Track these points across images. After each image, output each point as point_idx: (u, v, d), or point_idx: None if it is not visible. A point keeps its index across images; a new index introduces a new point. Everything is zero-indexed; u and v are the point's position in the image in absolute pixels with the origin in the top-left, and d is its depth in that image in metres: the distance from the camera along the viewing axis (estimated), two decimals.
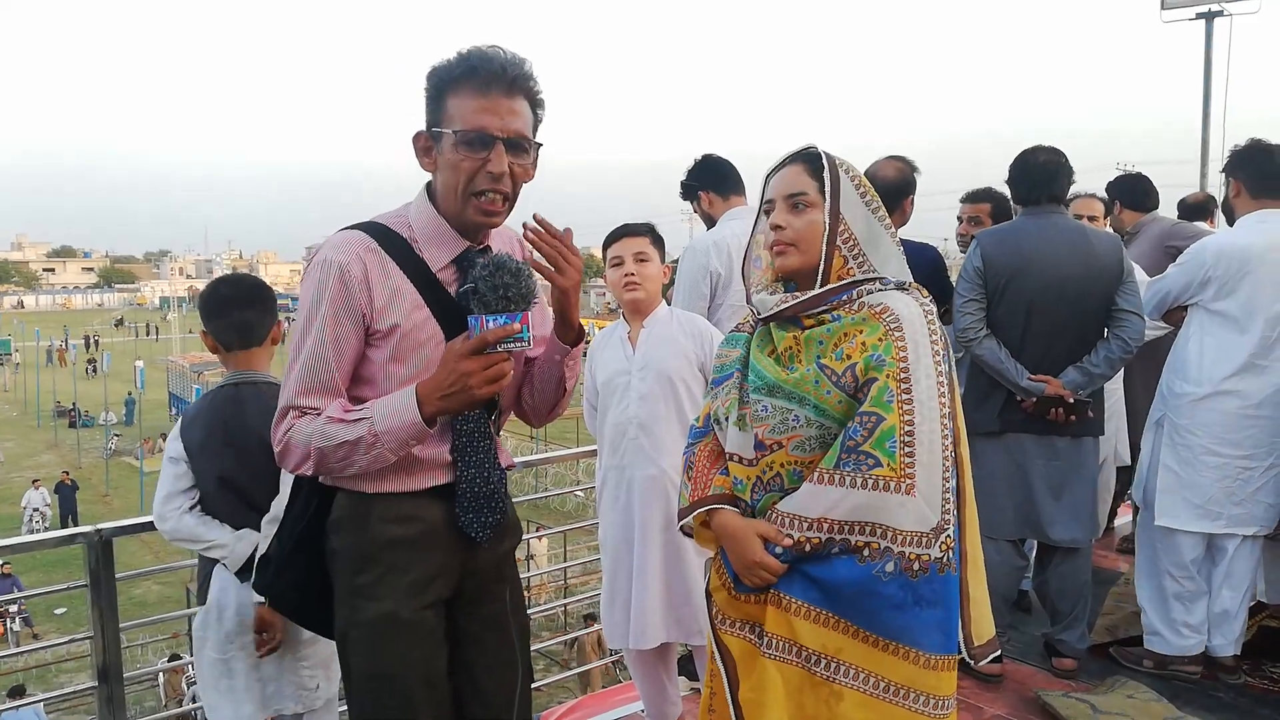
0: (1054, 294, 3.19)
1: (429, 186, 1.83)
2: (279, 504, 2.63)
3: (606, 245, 2.88)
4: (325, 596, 1.87)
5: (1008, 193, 3.55)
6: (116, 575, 2.80)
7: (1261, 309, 3.21)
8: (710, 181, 3.74)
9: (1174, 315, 3.48)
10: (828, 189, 1.81)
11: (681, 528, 2.00)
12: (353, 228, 1.80)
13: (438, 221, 1.80)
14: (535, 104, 1.79)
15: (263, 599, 2.51)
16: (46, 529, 19.14)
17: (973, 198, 4.11)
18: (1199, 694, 3.29)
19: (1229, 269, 3.24)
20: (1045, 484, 3.28)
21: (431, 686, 1.82)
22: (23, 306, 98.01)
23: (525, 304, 1.67)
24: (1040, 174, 3.32)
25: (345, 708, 1.91)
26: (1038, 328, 3.22)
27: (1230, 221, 3.49)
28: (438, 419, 1.72)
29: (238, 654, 2.54)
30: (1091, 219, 4.22)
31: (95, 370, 38.71)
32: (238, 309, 2.59)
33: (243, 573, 2.57)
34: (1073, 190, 4.51)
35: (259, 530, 2.59)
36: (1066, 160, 3.34)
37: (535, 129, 1.80)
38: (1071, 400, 3.19)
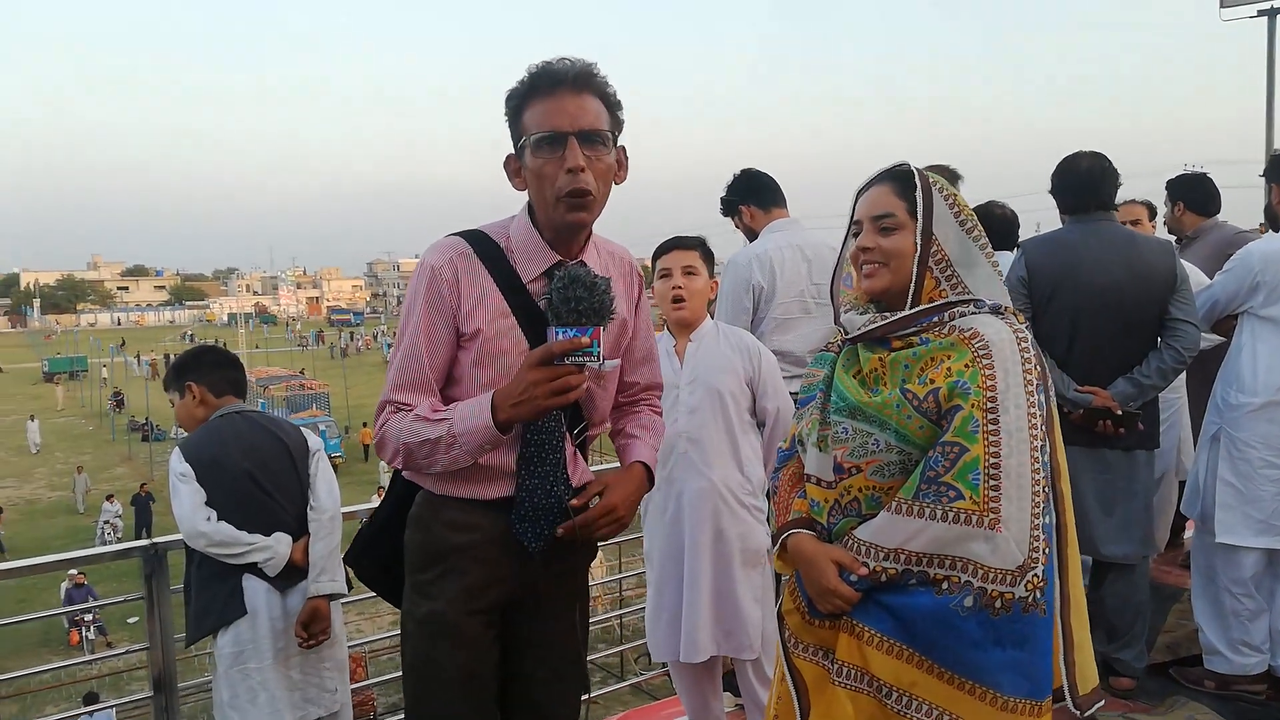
0: (1101, 303, 3.12)
1: (530, 203, 1.88)
2: (331, 501, 2.74)
3: (656, 257, 2.90)
4: (399, 574, 1.97)
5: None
6: (173, 587, 2.88)
7: None
8: (750, 195, 3.74)
9: (1224, 324, 3.38)
10: (920, 209, 1.77)
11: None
12: (454, 234, 1.89)
13: (533, 235, 1.85)
14: (610, 104, 1.81)
15: (312, 595, 2.65)
16: (119, 539, 19.76)
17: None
18: (1265, 716, 3.17)
19: (1278, 274, 3.14)
20: (1095, 498, 3.19)
21: (473, 687, 1.88)
22: (140, 325, 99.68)
23: (598, 319, 1.68)
24: (1084, 181, 3.25)
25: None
26: (1085, 338, 3.15)
27: (1276, 227, 3.37)
28: (512, 425, 1.77)
29: (272, 662, 2.61)
30: (1135, 223, 4.11)
31: (121, 407, 36.62)
32: (232, 368, 2.92)
33: (281, 579, 2.64)
34: (1134, 195, 4.40)
35: (290, 534, 2.67)
36: (1111, 165, 3.26)
37: (616, 130, 1.82)
38: (1120, 412, 3.11)
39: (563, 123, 1.74)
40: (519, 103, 1.79)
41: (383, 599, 2.09)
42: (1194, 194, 4.52)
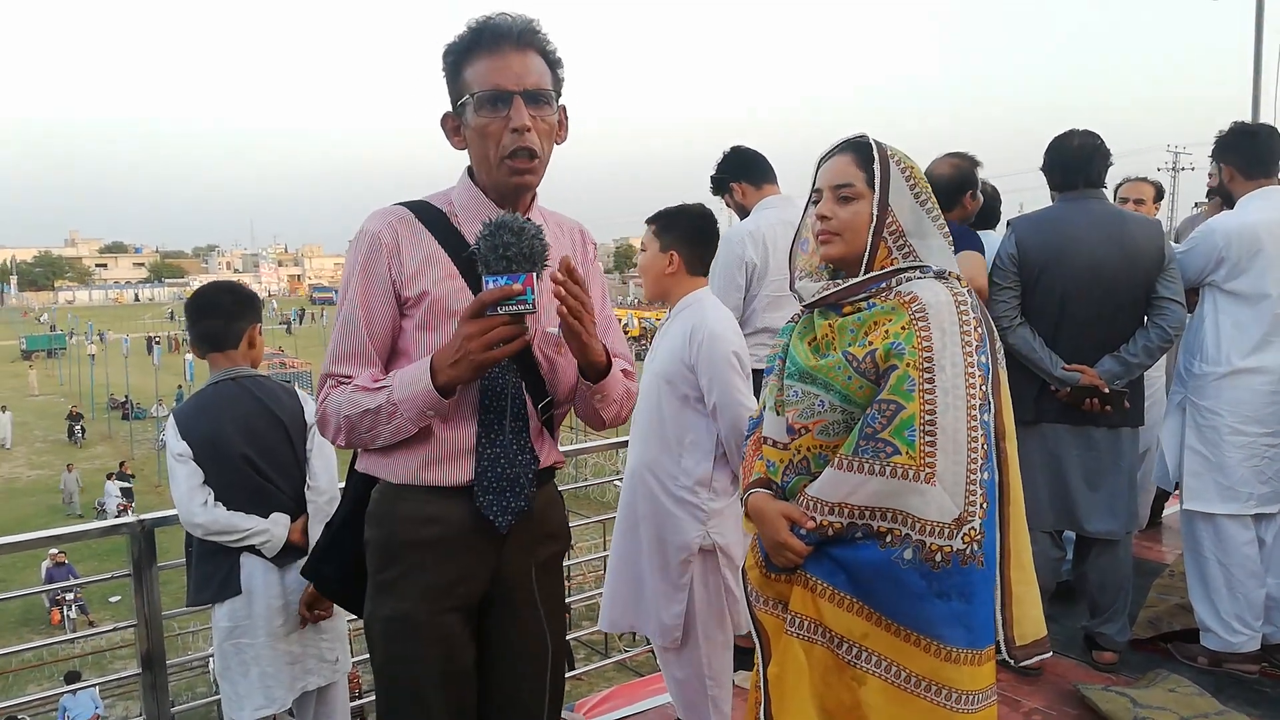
0: (1089, 282, 3.13)
1: (469, 166, 1.83)
2: (328, 481, 2.70)
3: None
4: (363, 581, 1.87)
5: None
6: (160, 564, 2.86)
7: (1273, 285, 3.17)
8: (742, 172, 3.71)
9: (1186, 297, 3.43)
10: (877, 180, 1.81)
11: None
12: (396, 204, 1.84)
13: (476, 194, 1.80)
14: (551, 62, 1.76)
15: None
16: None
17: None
18: (1244, 688, 3.22)
19: (1241, 249, 3.20)
20: (1081, 475, 3.22)
21: (449, 685, 1.79)
22: (119, 303, 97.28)
23: (530, 265, 1.59)
24: (1075, 159, 3.25)
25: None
26: (1072, 316, 3.17)
27: (1229, 204, 3.43)
28: (454, 388, 1.69)
29: (266, 639, 2.60)
30: (1139, 202, 4.13)
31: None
32: (203, 318, 2.71)
33: (280, 557, 2.63)
34: (1123, 174, 4.41)
35: (287, 514, 2.65)
36: (1102, 143, 3.27)
37: (557, 88, 1.77)
38: (1107, 390, 3.13)
39: (507, 81, 1.68)
40: (459, 58, 1.72)
41: (346, 609, 1.97)
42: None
